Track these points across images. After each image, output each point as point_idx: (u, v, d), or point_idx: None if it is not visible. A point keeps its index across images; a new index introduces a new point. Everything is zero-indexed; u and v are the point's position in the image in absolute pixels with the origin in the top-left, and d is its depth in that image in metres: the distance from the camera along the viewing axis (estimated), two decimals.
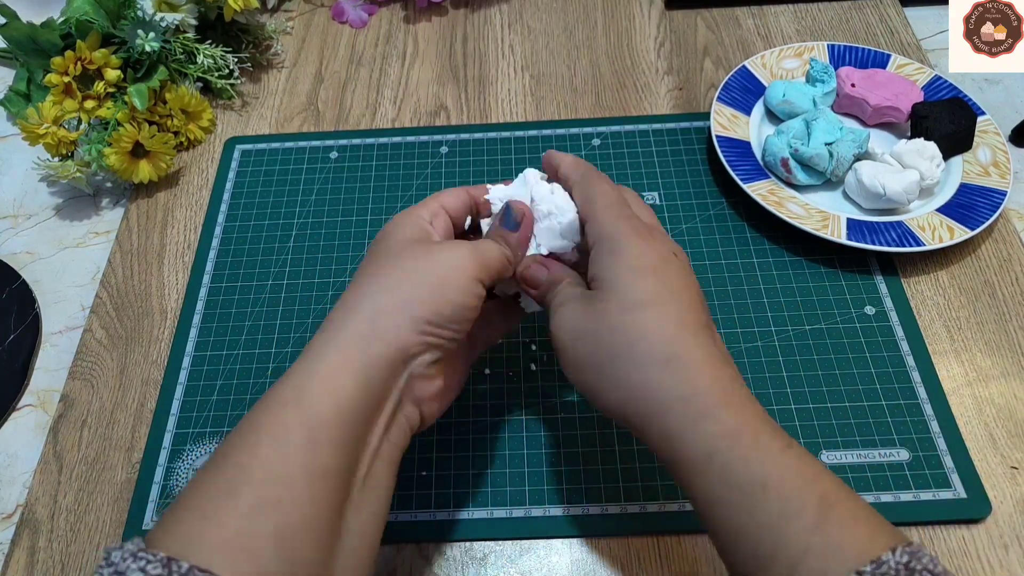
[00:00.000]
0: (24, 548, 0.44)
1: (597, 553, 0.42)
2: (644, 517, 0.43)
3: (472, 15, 0.72)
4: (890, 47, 0.65)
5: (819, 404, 0.46)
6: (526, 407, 0.47)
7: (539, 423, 0.46)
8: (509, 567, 0.42)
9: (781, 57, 0.62)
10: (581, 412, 0.46)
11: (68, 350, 0.52)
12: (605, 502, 0.43)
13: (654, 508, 0.43)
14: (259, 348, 0.50)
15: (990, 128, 0.56)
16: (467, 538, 0.43)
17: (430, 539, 0.43)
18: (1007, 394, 0.46)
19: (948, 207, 0.52)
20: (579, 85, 0.65)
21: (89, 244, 0.58)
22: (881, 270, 0.51)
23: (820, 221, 0.51)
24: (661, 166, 0.58)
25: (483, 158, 0.60)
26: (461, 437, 0.46)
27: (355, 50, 0.70)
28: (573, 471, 0.44)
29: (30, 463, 0.47)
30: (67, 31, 0.59)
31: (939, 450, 0.44)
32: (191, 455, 0.46)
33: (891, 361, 0.47)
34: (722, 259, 0.53)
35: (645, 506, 0.43)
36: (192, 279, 0.54)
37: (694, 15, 0.69)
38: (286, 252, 0.55)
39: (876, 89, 0.57)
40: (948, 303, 0.50)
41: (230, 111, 0.65)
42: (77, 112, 0.57)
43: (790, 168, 0.53)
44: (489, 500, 0.44)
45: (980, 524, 0.42)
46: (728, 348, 0.48)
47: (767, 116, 0.59)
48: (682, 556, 0.42)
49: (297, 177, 0.60)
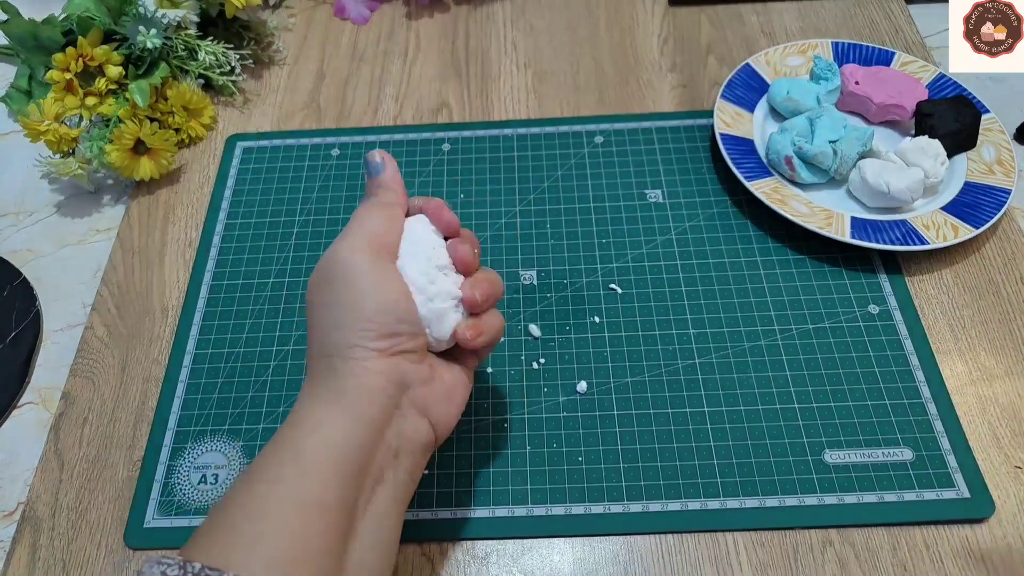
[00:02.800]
0: (25, 546, 0.44)
1: (599, 552, 0.42)
2: (646, 516, 0.42)
3: (474, 12, 0.71)
4: (894, 44, 0.65)
5: (823, 403, 0.46)
6: (528, 405, 0.47)
7: (541, 422, 0.46)
8: (511, 566, 0.42)
9: (785, 54, 0.62)
10: (584, 410, 0.46)
11: (69, 348, 0.52)
12: (607, 501, 0.43)
13: (656, 507, 0.43)
14: (260, 346, 0.50)
15: (995, 126, 0.56)
16: (469, 537, 0.43)
17: (432, 538, 0.43)
18: (1011, 393, 0.46)
19: (952, 205, 0.52)
20: (582, 82, 0.65)
21: (90, 241, 0.58)
22: (885, 268, 0.51)
23: (824, 219, 0.51)
24: (664, 164, 0.58)
25: (485, 155, 0.60)
26: (463, 435, 0.46)
27: (357, 47, 0.69)
28: (575, 470, 0.44)
29: (31, 461, 0.47)
30: (68, 28, 0.59)
31: (943, 449, 0.44)
32: (192, 453, 0.46)
33: (895, 360, 0.47)
34: (725, 257, 0.53)
35: (647, 505, 0.43)
36: (193, 276, 0.54)
37: (698, 12, 0.69)
38: (288, 249, 0.55)
39: (880, 87, 0.57)
40: (952, 302, 0.50)
41: (231, 108, 0.65)
42: (78, 109, 0.57)
43: (794, 166, 0.53)
44: (491, 499, 0.44)
45: (983, 524, 0.42)
46: (732, 347, 0.48)
47: (771, 114, 0.59)
48: (684, 556, 0.42)
49: (299, 174, 0.59)
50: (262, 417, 0.47)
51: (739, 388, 0.47)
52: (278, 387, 0.48)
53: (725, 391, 0.47)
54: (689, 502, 0.43)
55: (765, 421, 0.45)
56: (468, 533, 0.43)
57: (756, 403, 0.46)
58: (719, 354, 0.48)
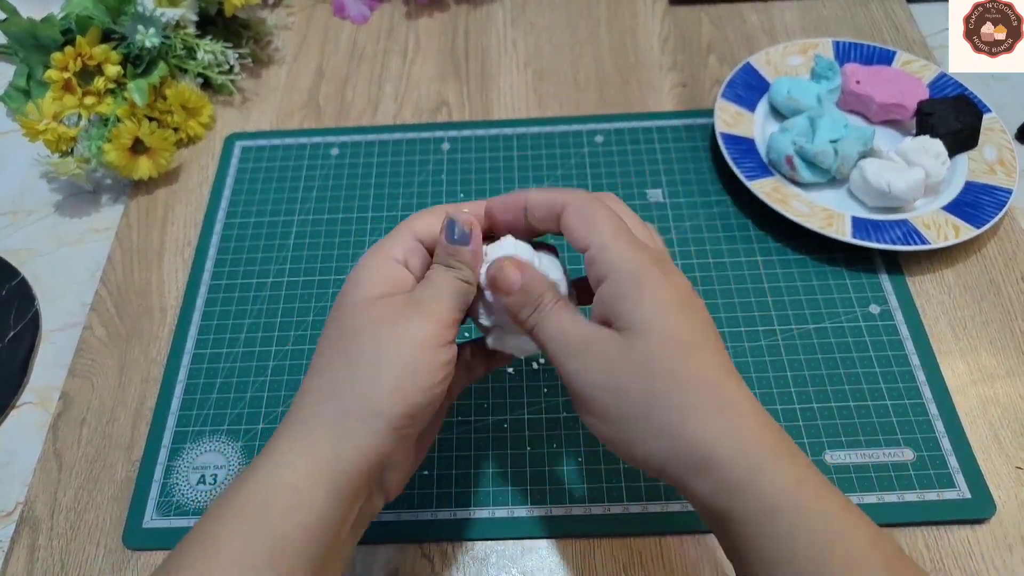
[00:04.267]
0: (24, 546, 0.43)
1: (599, 553, 0.42)
2: (646, 517, 0.42)
3: (474, 10, 0.71)
4: (895, 43, 0.65)
5: (823, 403, 0.46)
6: (528, 406, 0.47)
7: (541, 422, 0.46)
8: (511, 567, 0.42)
9: (786, 53, 0.61)
10: None
11: (68, 347, 0.52)
12: (608, 502, 0.43)
13: (656, 508, 0.43)
14: (259, 346, 0.50)
15: (996, 126, 0.55)
16: (469, 538, 0.43)
17: (432, 539, 0.43)
18: (1012, 394, 0.46)
19: (954, 205, 0.52)
20: (582, 81, 0.65)
21: (89, 241, 0.58)
22: (886, 268, 0.51)
23: (824, 219, 0.51)
24: (664, 163, 0.58)
25: (485, 155, 0.60)
26: (463, 436, 0.46)
27: (356, 46, 0.69)
28: (575, 470, 0.44)
29: (30, 461, 0.47)
30: (67, 27, 0.59)
31: (943, 450, 0.44)
32: (191, 453, 0.46)
33: (895, 360, 0.47)
34: (726, 257, 0.52)
35: (647, 506, 0.43)
36: (192, 276, 0.54)
37: (698, 11, 0.69)
38: (286, 249, 0.55)
39: (881, 86, 0.57)
40: (953, 302, 0.50)
41: (230, 107, 0.65)
42: (77, 108, 0.57)
43: (795, 165, 0.53)
44: (491, 500, 0.43)
45: (984, 524, 0.42)
46: (732, 347, 0.48)
47: (771, 113, 0.59)
48: (684, 557, 0.41)
49: (298, 174, 0.59)
50: (261, 417, 0.47)
51: None
52: (277, 387, 0.48)
53: None
54: (689, 503, 0.42)
55: None
56: (468, 534, 0.43)
57: None
58: None
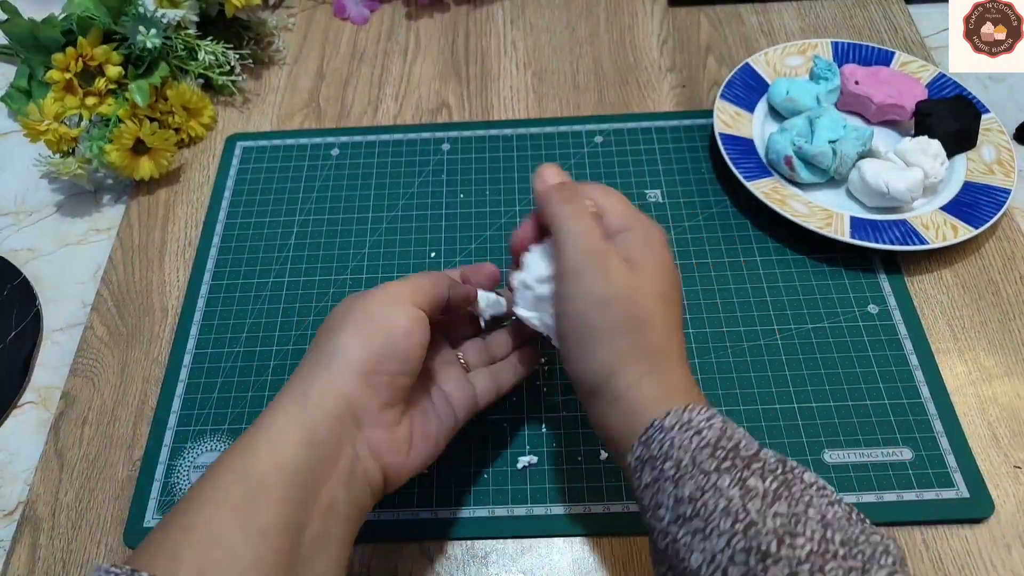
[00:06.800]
0: (25, 545, 0.44)
1: (599, 552, 0.42)
2: None
3: (474, 11, 0.71)
4: (894, 44, 0.65)
5: (822, 403, 0.46)
6: (528, 404, 0.47)
7: (541, 421, 0.46)
8: (511, 566, 0.42)
9: (784, 54, 0.62)
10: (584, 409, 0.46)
11: (69, 347, 0.52)
12: (607, 500, 0.43)
13: None
14: (260, 345, 0.50)
15: (994, 126, 0.56)
16: (469, 536, 0.43)
17: (432, 537, 0.43)
18: (1010, 393, 0.46)
19: (952, 205, 0.52)
20: (581, 82, 0.65)
21: (90, 241, 0.58)
22: (884, 268, 0.51)
23: (823, 219, 0.51)
24: (664, 164, 0.58)
25: (485, 155, 0.60)
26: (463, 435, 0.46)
27: (357, 47, 0.69)
28: (575, 469, 0.44)
29: (31, 460, 0.47)
30: (68, 27, 0.59)
31: (942, 449, 0.44)
32: (192, 452, 0.46)
33: (894, 360, 0.47)
34: (725, 257, 0.53)
35: None
36: (193, 276, 0.54)
37: (697, 12, 0.69)
38: (287, 249, 0.55)
39: (880, 86, 0.57)
40: (952, 302, 0.50)
41: (231, 108, 0.65)
42: (78, 109, 0.57)
43: (793, 166, 0.53)
44: (491, 498, 0.44)
45: (983, 524, 0.42)
46: (731, 347, 0.48)
47: (770, 114, 0.59)
48: None
49: (298, 174, 0.59)
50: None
51: (738, 388, 0.47)
52: (278, 387, 0.48)
53: (724, 391, 0.47)
54: None
55: (764, 420, 0.45)
56: (468, 532, 0.43)
57: (755, 403, 0.46)
58: (718, 354, 0.48)
